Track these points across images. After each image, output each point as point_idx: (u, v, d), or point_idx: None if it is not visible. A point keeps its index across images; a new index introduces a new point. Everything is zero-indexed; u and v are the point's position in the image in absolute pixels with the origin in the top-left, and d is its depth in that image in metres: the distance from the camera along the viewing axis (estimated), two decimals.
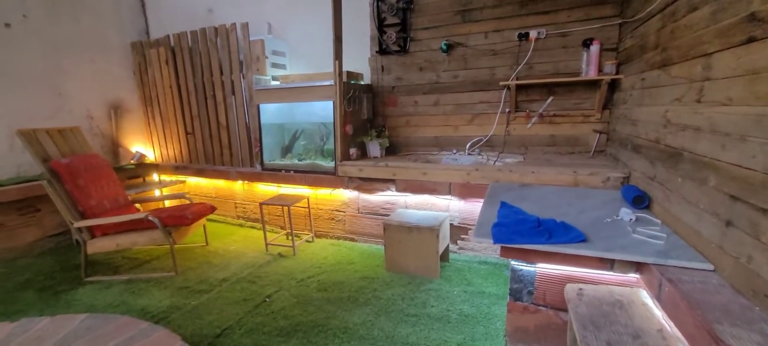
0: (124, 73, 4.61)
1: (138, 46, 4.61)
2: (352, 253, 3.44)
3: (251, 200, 4.22)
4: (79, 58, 4.17)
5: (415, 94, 3.82)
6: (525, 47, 3.33)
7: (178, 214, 3.09)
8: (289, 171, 3.79)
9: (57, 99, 4.00)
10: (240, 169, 4.10)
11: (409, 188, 3.30)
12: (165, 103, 4.57)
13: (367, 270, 3.08)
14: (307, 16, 4.12)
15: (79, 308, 2.56)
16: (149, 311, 2.53)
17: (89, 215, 3.00)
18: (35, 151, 2.88)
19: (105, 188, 3.21)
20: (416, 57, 3.75)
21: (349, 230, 3.74)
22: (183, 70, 4.33)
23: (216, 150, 4.34)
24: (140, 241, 2.98)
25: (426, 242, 2.87)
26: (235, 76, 4.03)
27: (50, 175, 2.91)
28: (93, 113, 4.31)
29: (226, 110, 4.17)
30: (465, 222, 3.24)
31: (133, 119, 4.72)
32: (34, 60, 3.81)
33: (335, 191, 3.69)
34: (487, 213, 2.12)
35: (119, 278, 3.01)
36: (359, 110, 3.70)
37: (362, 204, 3.63)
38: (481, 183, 2.98)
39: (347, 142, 3.55)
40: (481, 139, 3.61)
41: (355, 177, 3.48)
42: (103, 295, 2.75)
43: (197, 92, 4.30)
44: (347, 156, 3.56)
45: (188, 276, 3.04)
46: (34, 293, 2.79)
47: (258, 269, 3.15)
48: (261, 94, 3.86)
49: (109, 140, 4.48)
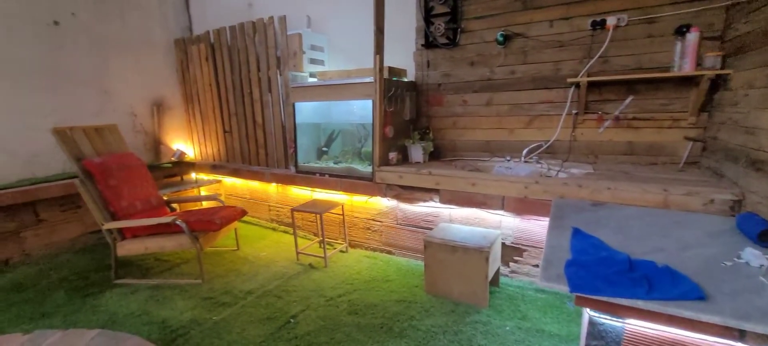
0: (167, 71, 4.60)
1: (180, 42, 4.58)
2: (388, 268, 3.11)
3: (284, 203, 4.02)
4: (124, 56, 4.19)
5: (464, 93, 3.40)
6: (600, 37, 2.80)
7: (206, 218, 2.93)
8: (324, 175, 3.52)
9: (102, 96, 4.03)
10: (274, 171, 3.90)
11: (455, 200, 2.91)
12: (204, 100, 4.50)
13: (404, 291, 2.73)
14: (348, 7, 3.82)
15: (100, 317, 2.45)
16: (169, 324, 2.36)
17: (120, 216, 2.91)
18: (69, 150, 2.84)
19: (137, 189, 3.13)
20: (467, 50, 3.32)
21: (386, 242, 3.41)
22: (222, 66, 4.22)
23: (252, 149, 4.19)
24: (168, 245, 2.85)
25: (473, 265, 2.47)
26: (271, 73, 3.83)
27: (83, 174, 2.85)
28: (136, 110, 4.33)
29: (262, 108, 3.99)
30: (520, 242, 2.79)
31: (174, 116, 4.71)
32: (81, 58, 3.85)
33: (372, 199, 3.37)
34: (555, 243, 1.68)
35: (147, 283, 2.90)
36: (401, 110, 3.35)
37: (401, 215, 3.28)
38: (542, 199, 2.52)
39: (387, 146, 3.22)
40: (540, 145, 3.11)
41: (394, 185, 3.14)
42: (127, 301, 2.63)
43: (235, 89, 4.17)
44: (386, 161, 3.23)
45: (214, 285, 2.86)
46: (65, 295, 2.74)
47: (286, 282, 2.90)
48: (296, 92, 3.62)
49: (151, 137, 4.49)
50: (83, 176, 2.85)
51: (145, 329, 2.30)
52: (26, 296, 2.71)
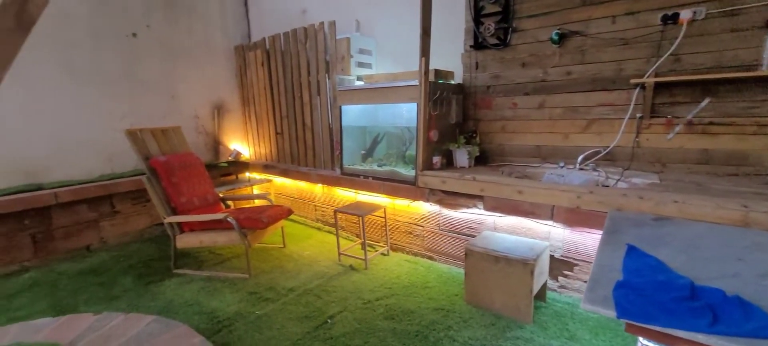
0: (227, 76, 4.92)
1: (240, 49, 4.87)
2: (428, 274, 3.04)
3: (329, 204, 4.10)
4: (189, 63, 4.54)
5: (514, 95, 3.24)
6: (671, 33, 2.52)
7: (254, 216, 3.07)
8: (368, 177, 3.54)
9: (170, 100, 4.41)
10: (320, 172, 4.01)
11: (500, 208, 2.77)
12: (259, 103, 4.74)
13: (442, 299, 2.66)
14: (396, 10, 3.82)
15: (159, 303, 2.66)
16: (217, 315, 2.50)
17: (180, 211, 3.15)
18: (139, 149, 3.13)
19: (196, 186, 3.37)
20: (519, 51, 3.16)
21: (427, 247, 3.34)
22: (275, 71, 4.42)
23: (300, 151, 4.34)
24: (220, 240, 3.03)
25: (517, 277, 2.33)
26: (320, 77, 3.94)
27: (149, 171, 3.12)
28: (199, 113, 4.68)
29: (311, 111, 4.12)
30: (570, 255, 2.59)
31: (233, 119, 5.02)
32: (154, 65, 4.24)
33: (414, 203, 3.33)
34: (605, 261, 1.53)
35: (200, 274, 3.10)
36: (447, 113, 3.27)
37: (444, 220, 3.19)
38: (597, 210, 2.31)
39: (430, 150, 3.16)
40: (598, 151, 2.87)
41: (437, 189, 3.07)
42: (183, 291, 2.84)
43: (286, 93, 4.35)
44: (430, 165, 3.17)
45: (260, 280, 2.99)
46: (132, 280, 3.02)
47: (327, 282, 2.96)
48: (343, 95, 3.69)
49: (211, 138, 4.83)
50: (150, 173, 3.12)
51: (196, 319, 2.46)
52: (100, 280, 3.03)
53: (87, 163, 3.80)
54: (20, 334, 1.96)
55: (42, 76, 3.49)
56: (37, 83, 3.47)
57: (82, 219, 3.54)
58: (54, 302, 2.69)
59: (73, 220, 3.48)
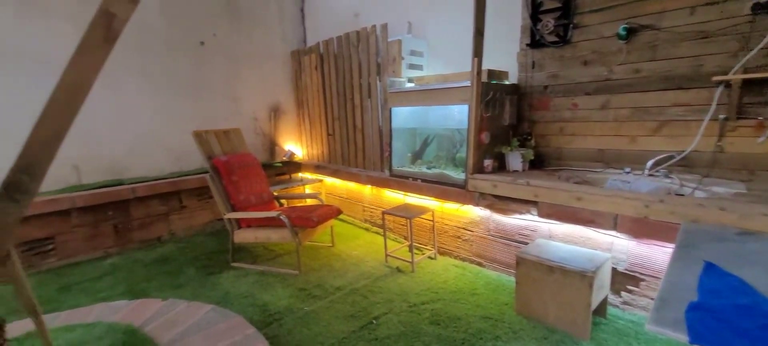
0: (283, 79, 5.16)
1: (296, 54, 5.08)
2: (476, 281, 2.95)
3: (378, 205, 4.13)
4: (250, 68, 4.82)
5: (574, 95, 3.04)
6: (763, 23, 2.22)
7: (305, 215, 3.17)
8: (416, 179, 3.52)
9: (232, 103, 4.71)
10: (369, 174, 4.05)
11: (556, 215, 2.61)
12: (313, 105, 4.91)
13: (491, 307, 2.56)
14: (449, 10, 3.76)
15: (218, 293, 2.84)
16: (268, 308, 2.62)
17: (238, 208, 3.35)
18: (203, 149, 3.37)
19: (253, 184, 3.56)
20: (580, 48, 2.96)
21: (476, 253, 3.24)
22: (328, 74, 4.55)
23: (351, 152, 4.42)
24: (273, 237, 3.17)
25: (574, 289, 2.18)
26: (371, 79, 3.99)
27: (212, 170, 3.35)
28: (257, 115, 4.94)
29: (362, 113, 4.18)
30: (637, 269, 2.37)
31: (288, 121, 5.25)
32: (218, 71, 4.56)
33: (464, 207, 3.24)
34: (677, 278, 1.37)
35: (255, 268, 3.27)
36: (500, 115, 3.15)
37: (494, 226, 3.08)
38: (668, 221, 2.10)
39: (482, 152, 3.06)
40: (672, 156, 2.60)
41: (488, 194, 2.96)
42: (239, 283, 3.00)
43: (338, 95, 4.45)
44: (480, 168, 3.07)
45: (309, 277, 3.08)
46: (195, 271, 3.25)
47: (373, 282, 2.97)
48: (393, 97, 3.70)
49: (268, 139, 5.08)
50: (212, 171, 3.35)
51: (249, 310, 2.59)
52: (168, 269, 3.30)
53: (159, 161, 4.18)
54: (102, 314, 2.20)
55: (125, 82, 3.90)
56: (121, 88, 3.88)
57: (154, 212, 3.89)
58: (130, 286, 2.98)
59: (147, 213, 3.84)
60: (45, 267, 3.32)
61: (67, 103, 1.65)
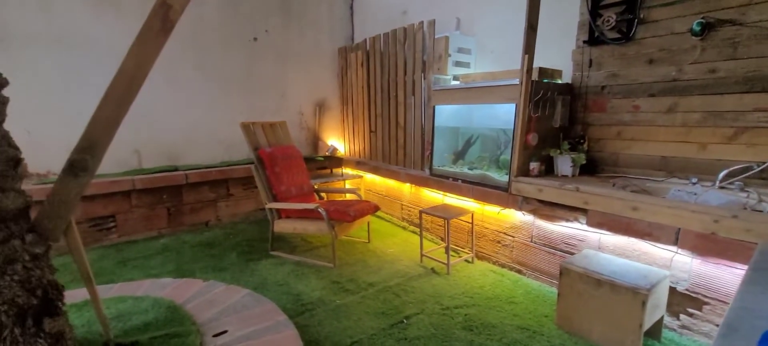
0: (329, 75, 5.24)
1: (343, 50, 5.14)
2: (515, 288, 2.79)
3: (416, 204, 4.06)
4: (298, 64, 4.95)
5: (636, 96, 2.79)
6: None
7: (343, 209, 3.19)
8: (457, 180, 3.41)
9: (280, 99, 4.86)
10: (409, 172, 3.99)
11: (608, 225, 2.40)
12: (357, 102, 4.94)
13: (529, 318, 2.41)
14: (500, 6, 3.61)
15: (255, 279, 2.93)
16: (302, 298, 2.66)
17: (279, 199, 3.44)
18: (250, 140, 3.50)
19: (295, 176, 3.64)
20: (645, 45, 2.71)
21: (516, 259, 3.08)
22: (374, 71, 4.55)
23: (392, 149, 4.39)
24: (311, 229, 3.22)
25: (624, 307, 1.99)
26: (416, 76, 3.93)
27: (257, 160, 3.47)
28: (303, 110, 5.07)
29: (405, 111, 4.14)
30: (699, 291, 2.12)
31: (332, 116, 5.33)
32: (268, 66, 4.73)
33: (505, 211, 3.09)
34: (749, 303, 1.19)
35: (292, 258, 3.34)
36: (549, 116, 2.96)
37: (537, 232, 2.90)
38: (742, 240, 1.84)
39: (528, 155, 2.90)
40: (750, 167, 2.30)
41: (532, 198, 2.80)
42: (275, 271, 3.08)
43: (382, 92, 4.44)
44: (526, 171, 2.91)
45: (343, 272, 3.09)
46: (237, 256, 3.39)
47: (407, 282, 2.92)
48: (437, 95, 3.61)
49: (312, 133, 5.19)
50: (257, 162, 3.47)
51: (284, 298, 2.65)
52: (213, 252, 3.47)
53: (211, 150, 4.41)
54: (150, 289, 2.35)
55: (183, 75, 4.16)
56: (178, 80, 4.14)
57: (204, 198, 4.11)
58: (178, 266, 3.16)
59: (197, 198, 4.07)
60: (107, 242, 3.63)
61: (125, 88, 1.77)
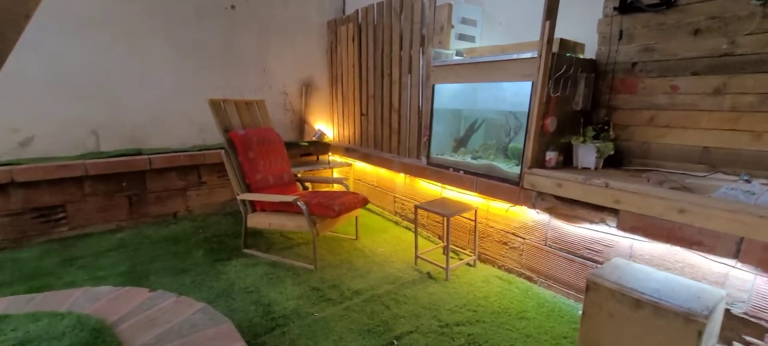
0: (318, 52, 4.72)
1: (332, 24, 4.62)
2: (525, 300, 2.38)
3: (411, 197, 3.62)
4: (282, 38, 4.43)
5: (674, 75, 2.33)
6: None
7: (326, 203, 2.74)
8: (458, 170, 2.96)
9: (262, 75, 4.35)
10: (403, 160, 3.53)
11: (645, 229, 1.98)
12: (347, 82, 4.45)
13: (545, 339, 2.00)
14: None
15: (220, 284, 2.49)
16: (273, 310, 2.22)
17: (253, 189, 2.98)
18: (220, 120, 3.02)
19: (273, 163, 3.17)
20: (691, 12, 2.24)
21: (526, 265, 2.66)
22: (366, 46, 4.06)
23: (385, 135, 3.92)
24: (289, 225, 2.77)
25: (672, 336, 1.57)
26: (414, 51, 3.45)
27: (228, 144, 3.00)
28: (288, 89, 4.56)
29: (400, 91, 3.66)
30: (761, 314, 1.70)
31: (320, 97, 4.83)
32: (249, 39, 4.20)
33: (514, 208, 2.66)
34: None
35: (267, 258, 2.89)
36: (570, 97, 2.51)
37: (553, 234, 2.47)
38: None
39: (544, 142, 2.45)
40: None
41: (549, 194, 2.36)
42: (246, 274, 2.63)
43: (375, 70, 3.96)
44: (541, 162, 2.46)
45: (325, 275, 2.66)
46: (203, 254, 2.93)
47: (398, 289, 2.49)
48: (437, 72, 3.14)
49: (297, 116, 4.70)
50: (228, 146, 3.00)
51: (251, 310, 2.21)
52: (176, 250, 3.01)
53: (181, 133, 3.92)
54: (79, 302, 1.91)
55: (150, 46, 3.64)
56: (145, 52, 3.62)
57: (171, 186, 3.63)
58: (132, 266, 2.71)
59: (164, 186, 3.59)
60: (55, 236, 3.15)
61: None
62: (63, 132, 3.36)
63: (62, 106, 3.32)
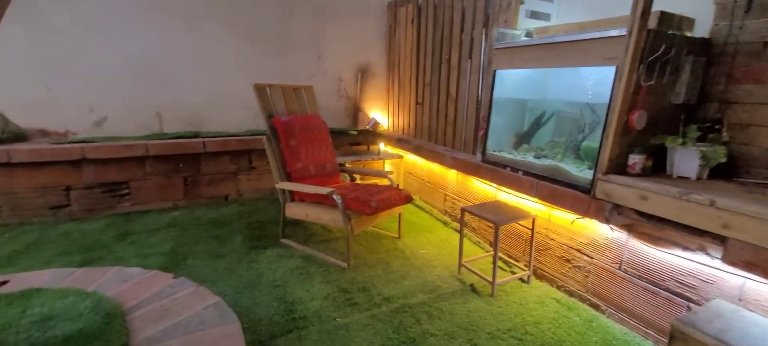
0: (376, 36, 4.50)
1: (392, 5, 4.35)
2: (587, 333, 1.94)
3: (462, 196, 3.26)
4: (339, 21, 4.28)
5: None
6: None
7: (364, 198, 2.53)
8: (517, 171, 2.55)
9: (317, 61, 4.26)
10: (456, 155, 3.18)
11: (766, 267, 1.44)
12: (404, 68, 4.17)
13: None
14: None
15: (250, 274, 2.42)
16: (295, 309, 2.08)
17: (293, 178, 2.88)
18: (263, 106, 2.95)
19: (315, 152, 3.04)
20: None
21: (592, 290, 2.19)
22: (425, 29, 3.74)
23: (439, 126, 3.59)
24: (324, 218, 2.62)
25: None
26: (476, 33, 3.06)
27: (270, 131, 2.93)
28: (343, 76, 4.42)
29: (458, 78, 3.30)
30: None
31: (376, 84, 4.61)
32: (306, 23, 4.12)
33: (582, 220, 2.19)
34: None
35: (302, 250, 2.79)
36: (668, 87, 1.97)
37: (631, 257, 1.98)
38: None
39: (628, 142, 1.96)
40: None
41: (629, 208, 1.88)
42: (277, 266, 2.55)
43: (433, 56, 3.63)
44: (622, 167, 1.98)
45: (357, 275, 2.47)
46: (242, 240, 2.92)
47: (434, 300, 2.21)
48: (500, 55, 2.73)
49: (352, 103, 4.54)
50: (270, 132, 2.93)
51: (273, 306, 2.10)
52: (218, 233, 3.04)
53: (237, 117, 3.99)
54: (109, 281, 1.94)
55: (207, 28, 3.72)
56: (202, 34, 3.71)
57: (224, 170, 3.72)
58: (175, 247, 2.78)
59: (217, 169, 3.68)
60: (120, 210, 3.39)
61: None
62: (131, 113, 3.59)
63: (130, 88, 3.54)
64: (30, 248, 2.69)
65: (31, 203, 3.13)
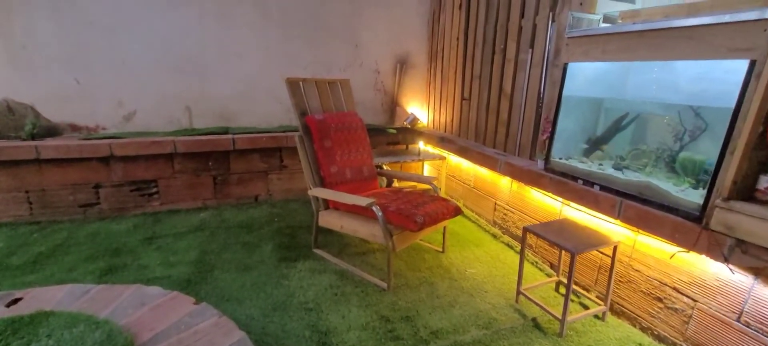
0: (417, 23, 4.10)
1: None
2: None
3: (517, 207, 2.85)
4: (377, 7, 3.91)
5: None
6: None
7: (408, 211, 2.20)
8: (592, 185, 2.13)
9: (352, 50, 3.92)
10: (511, 161, 2.77)
11: None
12: (448, 58, 3.77)
13: None
14: None
15: (280, 293, 2.16)
16: (329, 341, 1.80)
17: (327, 183, 2.59)
18: (296, 103, 2.67)
19: (352, 153, 2.74)
20: None
21: (693, 340, 1.76)
22: (475, 14, 3.31)
23: (489, 126, 3.18)
24: (361, 231, 2.32)
25: None
26: (539, 18, 2.63)
27: (303, 130, 2.65)
28: (380, 67, 4.07)
29: (514, 72, 2.88)
30: None
31: (415, 76, 4.22)
32: (342, 8, 3.79)
33: (689, 255, 1.76)
34: None
35: (338, 264, 2.50)
36: None
37: (757, 309, 1.54)
38: None
39: (760, 159, 1.50)
40: None
41: (758, 245, 1.44)
42: (310, 283, 2.27)
43: (484, 45, 3.21)
44: (750, 190, 1.53)
45: (399, 299, 2.15)
46: (271, 250, 2.67)
47: (492, 338, 1.86)
48: (574, 46, 2.29)
49: (389, 97, 4.19)
50: (303, 131, 2.65)
51: (306, 336, 1.83)
52: (248, 239, 2.82)
53: (268, 111, 3.75)
54: (128, 302, 1.73)
55: (237, 13, 3.47)
56: (232, 20, 3.47)
57: (254, 169, 3.49)
58: (202, 254, 2.57)
59: (246, 168, 3.47)
60: (149, 209, 3.25)
61: None
62: (160, 107, 3.42)
63: (159, 79, 3.36)
64: (56, 250, 2.57)
65: (62, 200, 3.03)
